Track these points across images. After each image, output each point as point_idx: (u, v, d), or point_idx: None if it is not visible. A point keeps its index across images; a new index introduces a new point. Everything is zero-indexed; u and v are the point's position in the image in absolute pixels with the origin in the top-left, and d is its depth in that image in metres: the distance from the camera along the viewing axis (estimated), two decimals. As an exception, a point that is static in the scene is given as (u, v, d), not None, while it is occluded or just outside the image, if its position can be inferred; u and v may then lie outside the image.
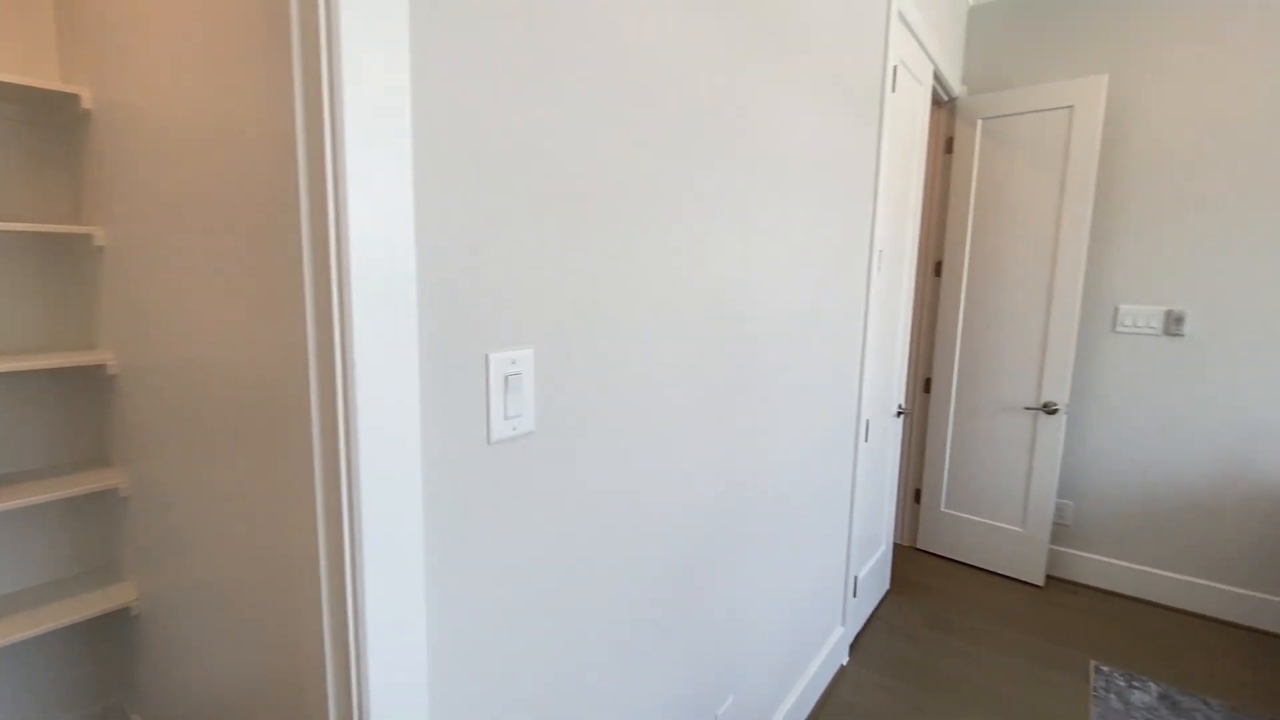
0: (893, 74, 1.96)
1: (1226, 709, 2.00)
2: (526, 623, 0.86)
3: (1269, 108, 2.32)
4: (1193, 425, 2.55)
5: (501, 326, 0.77)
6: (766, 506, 1.53)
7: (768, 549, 1.56)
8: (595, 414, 0.93)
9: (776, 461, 1.55)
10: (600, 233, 0.90)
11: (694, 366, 1.16)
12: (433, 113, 0.67)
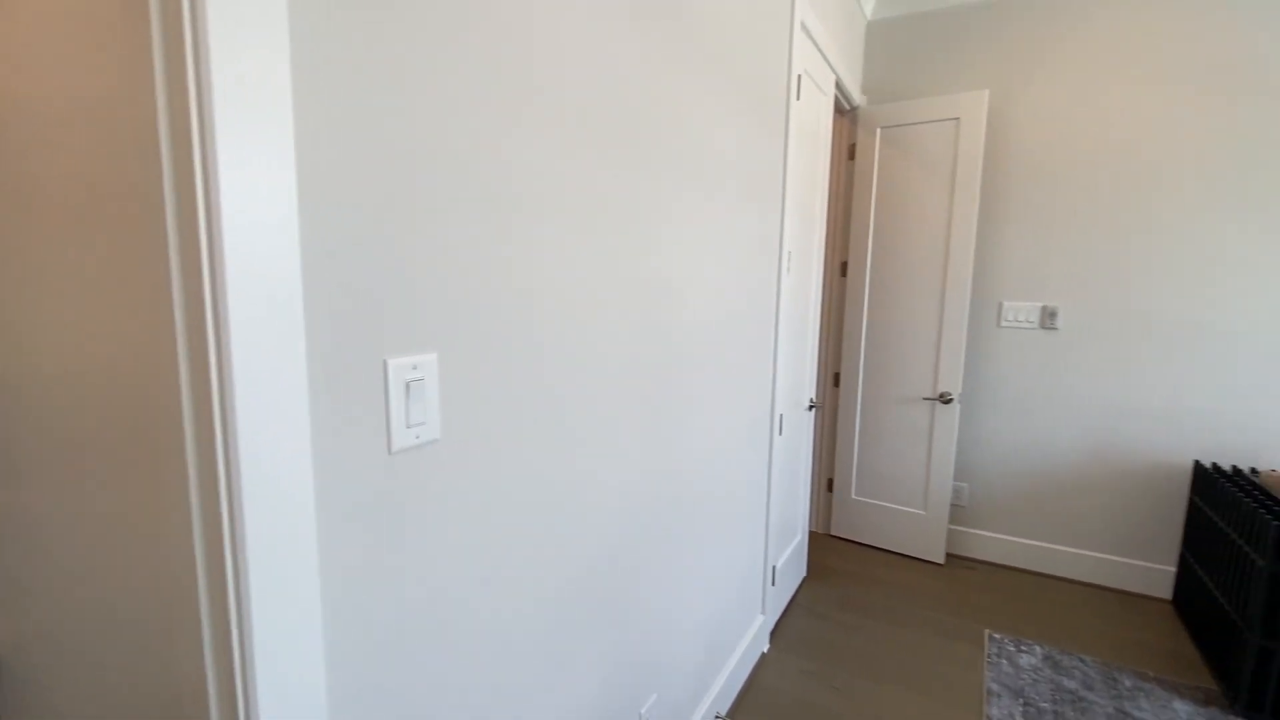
0: (797, 82, 2.04)
1: (1099, 664, 2.22)
2: (437, 636, 0.83)
3: (1122, 128, 2.60)
4: (1066, 409, 2.82)
5: (402, 331, 0.74)
6: (689, 503, 1.55)
7: (690, 545, 1.59)
8: (508, 419, 0.91)
9: (698, 458, 1.58)
10: (511, 234, 0.88)
11: (613, 368, 1.17)
12: (319, 96, 0.63)
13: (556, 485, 1.04)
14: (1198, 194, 2.51)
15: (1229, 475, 2.34)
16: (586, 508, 1.14)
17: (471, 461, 0.86)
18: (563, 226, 1.00)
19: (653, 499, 1.38)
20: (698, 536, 1.64)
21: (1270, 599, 1.88)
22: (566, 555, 1.09)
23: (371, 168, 0.69)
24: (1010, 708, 1.98)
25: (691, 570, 1.62)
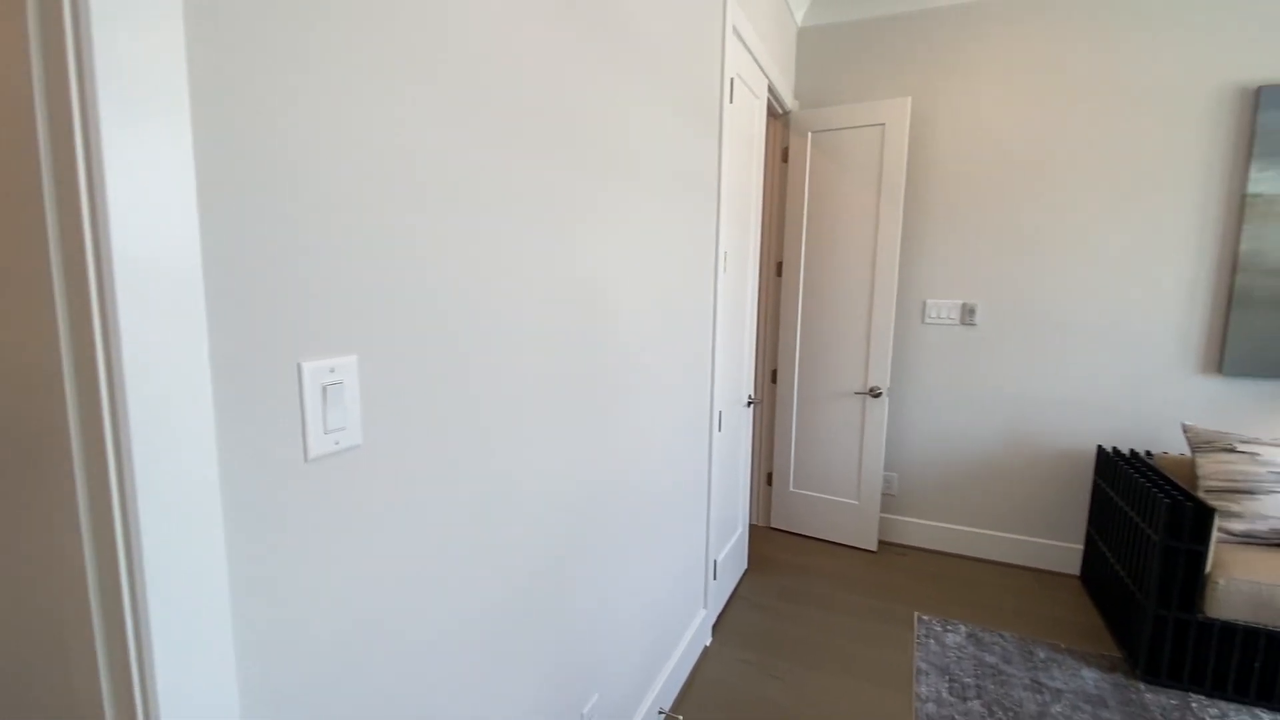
0: (730, 86, 2.08)
1: (1017, 639, 2.37)
2: (363, 649, 0.80)
3: (1028, 138, 2.79)
4: (985, 400, 2.99)
5: (318, 332, 0.71)
6: (629, 501, 1.56)
7: (631, 543, 1.60)
8: (435, 423, 0.89)
9: (638, 456, 1.59)
10: (436, 232, 0.86)
11: (549, 367, 1.16)
12: (219, 78, 0.60)
13: (485, 490, 1.03)
14: (1091, 200, 2.72)
15: (1127, 458, 2.54)
16: (518, 511, 1.12)
17: (396, 468, 0.83)
18: (491, 224, 0.98)
19: (589, 500, 1.38)
20: (637, 536, 1.65)
21: (1163, 571, 2.06)
22: (500, 559, 1.08)
23: (281, 158, 0.65)
24: (937, 684, 2.09)
25: (632, 569, 1.63)
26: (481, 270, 0.97)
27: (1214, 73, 2.51)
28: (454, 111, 0.88)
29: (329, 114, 0.70)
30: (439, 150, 0.86)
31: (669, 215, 1.69)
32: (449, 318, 0.91)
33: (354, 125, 0.73)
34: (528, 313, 1.09)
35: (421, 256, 0.84)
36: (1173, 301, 2.65)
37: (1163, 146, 2.61)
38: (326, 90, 0.69)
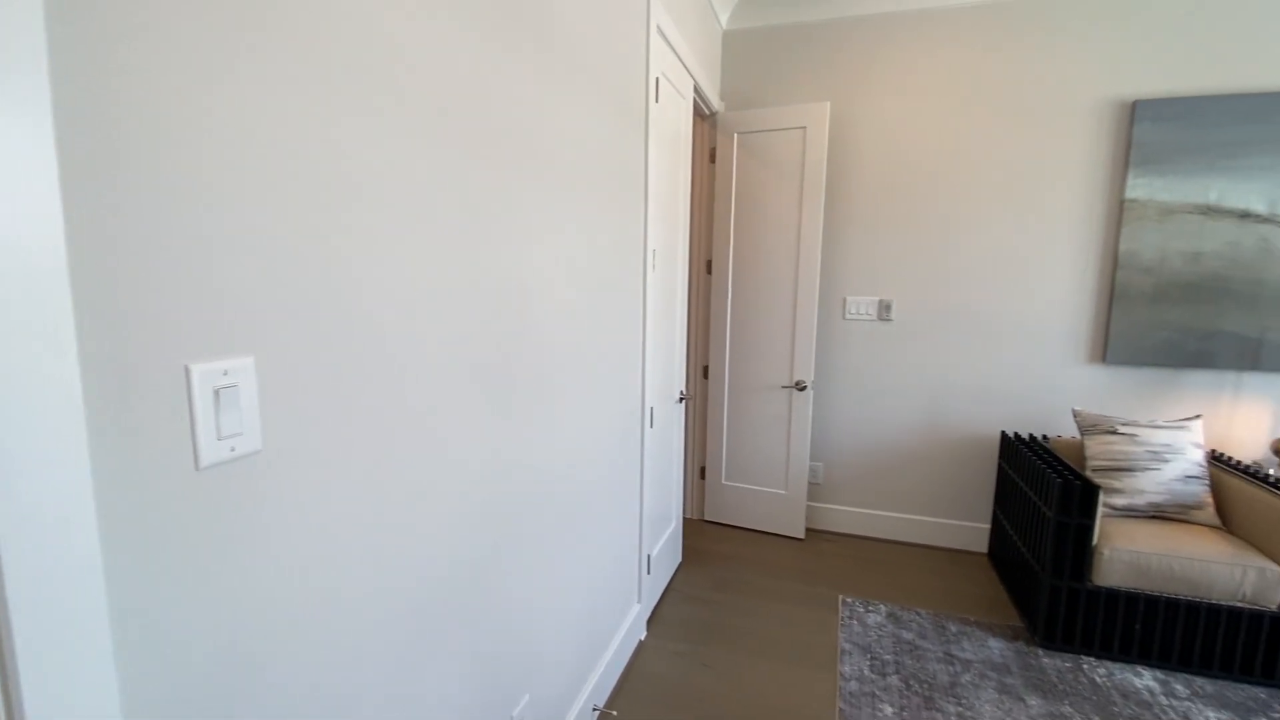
0: (655, 85, 2.10)
1: (931, 615, 2.52)
2: (267, 667, 0.77)
3: (935, 143, 2.96)
4: (901, 391, 3.16)
5: (208, 332, 0.67)
6: (558, 500, 1.55)
7: (561, 542, 1.59)
8: (347, 423, 0.86)
9: (568, 454, 1.58)
10: (342, 225, 0.83)
11: (470, 365, 1.13)
12: (87, 47, 0.55)
13: (400, 492, 1.00)
14: (995, 203, 2.92)
15: (1026, 442, 2.75)
16: (436, 513, 1.10)
17: (302, 473, 0.80)
18: (401, 221, 0.95)
19: (516, 500, 1.36)
20: (568, 534, 1.65)
21: (1057, 544, 2.24)
22: (416, 563, 1.05)
23: (161, 144, 0.61)
24: (859, 663, 2.19)
25: (563, 569, 1.63)
26: (392, 268, 0.94)
27: (1097, 87, 2.75)
28: (355, 102, 0.85)
29: (228, 97, 0.66)
30: (340, 141, 0.83)
31: (595, 213, 1.69)
32: (357, 317, 0.87)
33: (245, 113, 0.69)
34: (446, 311, 1.07)
35: (326, 253, 0.81)
36: (1064, 297, 2.88)
37: (1055, 154, 2.83)
38: (208, 71, 0.66)
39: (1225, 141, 2.60)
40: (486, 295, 1.19)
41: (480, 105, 1.13)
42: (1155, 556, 2.14)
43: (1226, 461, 2.52)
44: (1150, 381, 2.81)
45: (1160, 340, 2.74)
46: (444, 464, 1.09)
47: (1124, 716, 1.94)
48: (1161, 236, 2.70)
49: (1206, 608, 2.12)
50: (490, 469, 1.24)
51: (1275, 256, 2.59)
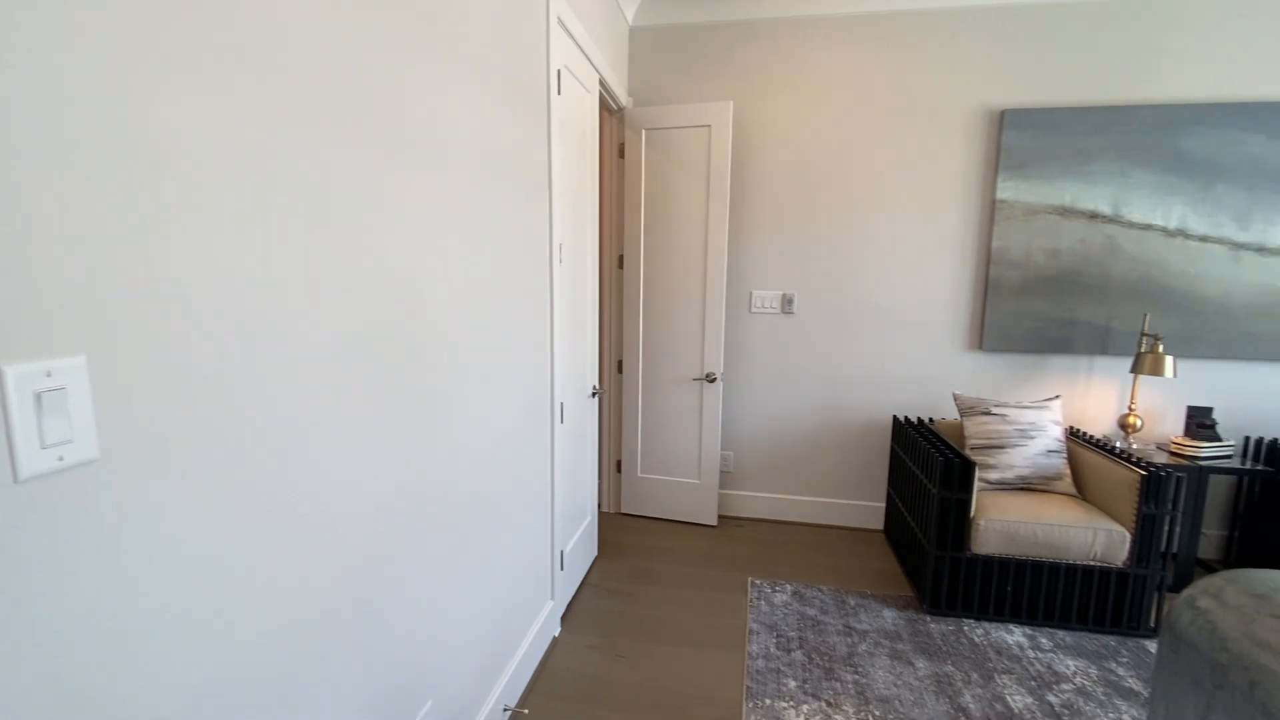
0: (557, 77, 2.08)
1: (833, 591, 2.66)
2: (110, 700, 0.70)
3: (835, 145, 3.11)
4: (804, 380, 3.31)
5: (24, 330, 0.60)
6: (460, 501, 1.51)
7: (465, 544, 1.55)
8: (205, 427, 0.80)
9: (469, 453, 1.55)
10: (192, 214, 0.77)
11: (354, 363, 1.08)
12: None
13: (276, 501, 0.95)
14: (887, 202, 3.11)
15: (915, 425, 2.96)
16: (317, 521, 1.05)
17: (149, 483, 0.73)
18: (266, 212, 0.90)
19: (411, 503, 1.32)
20: (471, 536, 1.61)
21: (940, 517, 2.43)
22: (298, 577, 1.00)
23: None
24: (766, 641, 2.29)
25: (466, 571, 1.59)
26: (255, 263, 0.88)
27: (973, 96, 2.98)
28: (208, 80, 0.79)
29: (99, 83, 0.59)
30: (208, 131, 0.77)
31: (495, 205, 1.66)
32: (212, 315, 0.82)
33: (66, 82, 0.63)
34: (322, 305, 1.02)
35: (175, 246, 0.75)
36: (947, 290, 3.12)
37: (938, 157, 3.05)
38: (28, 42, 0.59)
39: (1078, 149, 2.89)
40: (369, 290, 1.14)
41: (357, 86, 1.08)
42: (1022, 524, 2.37)
43: (1082, 436, 2.82)
44: (1019, 366, 3.09)
45: (1027, 329, 3.03)
46: (325, 468, 1.04)
47: (998, 670, 2.14)
48: (1027, 234, 2.98)
49: (1065, 568, 2.37)
50: (382, 473, 1.20)
51: (1119, 253, 2.92)
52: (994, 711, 1.93)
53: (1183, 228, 2.86)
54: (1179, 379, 2.98)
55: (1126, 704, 1.98)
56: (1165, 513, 2.26)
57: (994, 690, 2.03)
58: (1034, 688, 2.05)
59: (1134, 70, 2.84)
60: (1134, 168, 2.86)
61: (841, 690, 2.02)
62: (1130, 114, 2.83)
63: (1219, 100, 2.79)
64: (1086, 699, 2.00)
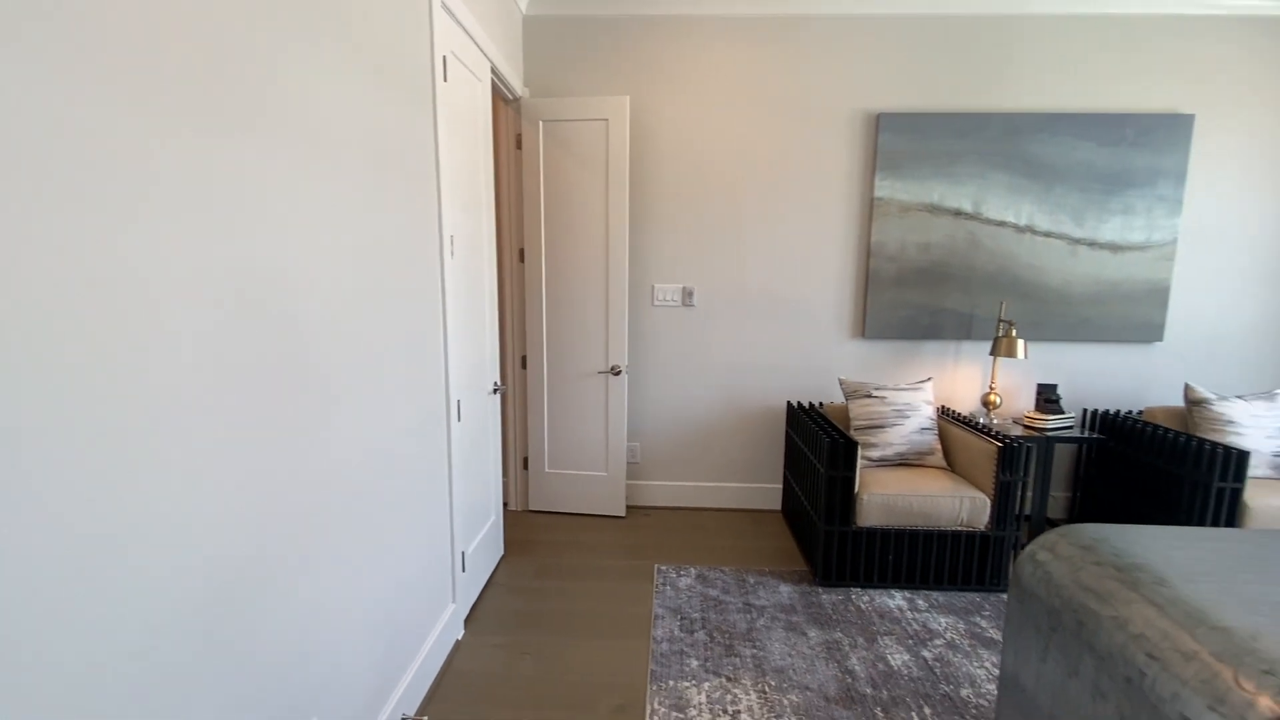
0: (443, 63, 2.01)
1: (734, 571, 2.78)
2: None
3: (732, 142, 3.22)
4: (705, 370, 3.42)
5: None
6: (346, 507, 1.44)
7: (349, 553, 1.48)
8: (32, 438, 0.72)
9: (356, 457, 1.47)
10: (18, 195, 0.68)
11: (212, 366, 1.00)
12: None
13: (120, 516, 0.86)
14: (780, 198, 3.26)
15: (806, 410, 3.13)
16: (174, 538, 0.97)
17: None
18: (104, 202, 0.81)
19: (283, 515, 1.24)
20: (357, 544, 1.54)
21: (828, 495, 2.59)
22: (149, 595, 0.92)
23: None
24: (670, 625, 2.35)
25: (351, 581, 1.52)
26: (93, 259, 0.79)
27: (852, 100, 3.18)
28: (54, 61, 0.70)
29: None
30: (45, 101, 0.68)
31: (377, 195, 1.59)
32: (65, 316, 0.73)
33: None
34: (183, 302, 0.93)
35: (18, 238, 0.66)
36: (834, 282, 3.32)
37: (824, 156, 3.22)
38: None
39: (943, 152, 3.16)
40: (236, 286, 1.06)
41: (212, 69, 0.99)
42: (900, 497, 2.57)
43: (951, 414, 3.09)
44: (897, 351, 3.35)
45: (903, 317, 3.28)
46: (181, 483, 0.96)
47: (880, 632, 2.32)
48: (901, 230, 3.22)
49: (938, 534, 2.60)
50: (252, 480, 1.12)
51: (980, 247, 3.22)
52: (876, 671, 2.09)
53: (1030, 225, 3.20)
54: (1030, 360, 3.35)
55: (988, 652, 2.21)
56: (1018, 479, 2.54)
57: (877, 651, 2.20)
58: (911, 645, 2.24)
59: (989, 82, 3.14)
60: (991, 170, 3.16)
61: (741, 665, 2.11)
62: (986, 121, 3.12)
63: (1057, 111, 3.14)
64: (955, 651, 2.21)
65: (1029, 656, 1.60)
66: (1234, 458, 2.53)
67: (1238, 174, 3.16)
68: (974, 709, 1.91)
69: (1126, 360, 3.32)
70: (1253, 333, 3.27)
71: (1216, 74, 3.09)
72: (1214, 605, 1.27)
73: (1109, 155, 3.12)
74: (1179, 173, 3.12)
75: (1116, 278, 3.21)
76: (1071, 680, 1.43)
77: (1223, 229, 3.20)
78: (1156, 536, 1.61)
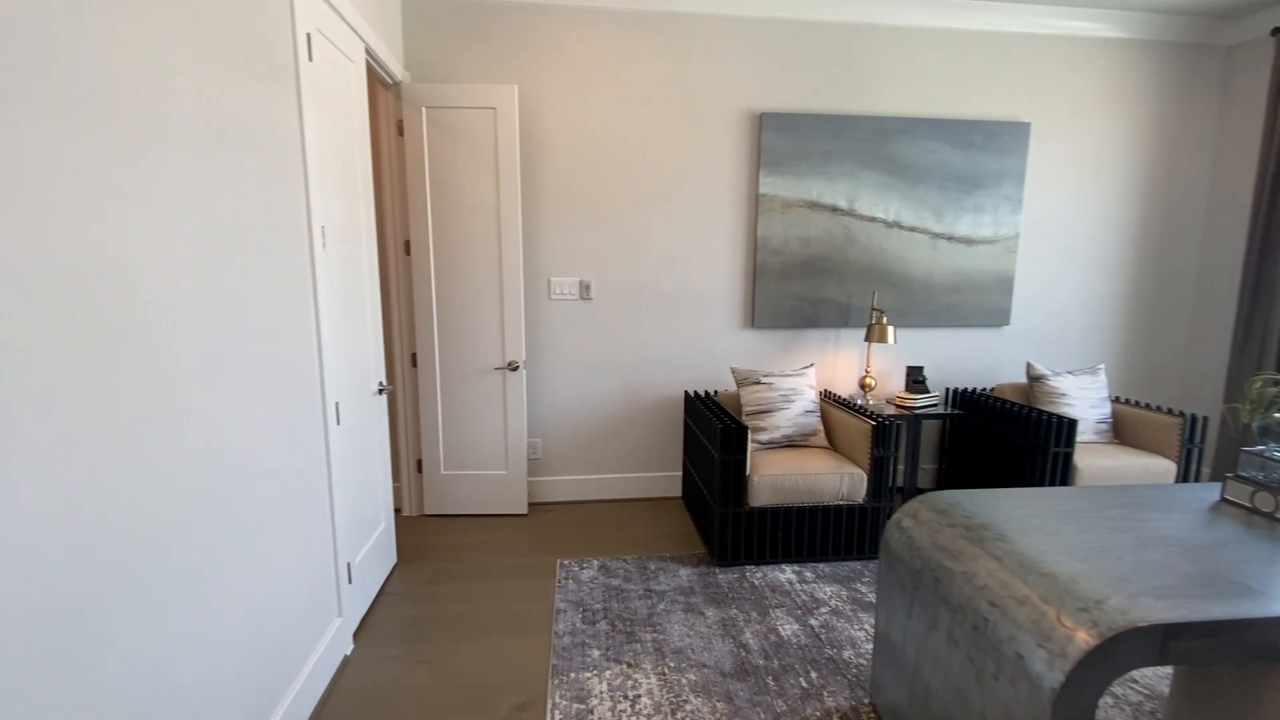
0: (307, 42, 1.87)
1: (636, 560, 2.82)
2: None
3: (624, 137, 3.24)
4: (605, 363, 3.44)
5: None
6: (204, 526, 1.31)
7: (211, 573, 1.35)
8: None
9: (215, 471, 1.34)
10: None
11: (19, 376, 0.87)
12: None
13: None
14: (674, 193, 3.32)
15: (702, 399, 3.23)
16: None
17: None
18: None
19: (129, 538, 1.11)
20: (220, 564, 1.42)
21: (722, 478, 2.69)
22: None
23: None
24: (572, 618, 2.35)
25: (214, 605, 1.39)
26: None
27: (738, 98, 3.29)
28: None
29: None
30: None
31: (233, 183, 1.45)
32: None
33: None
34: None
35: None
36: (725, 274, 3.44)
37: (713, 153, 3.32)
38: None
39: (820, 151, 3.35)
40: (61, 285, 0.93)
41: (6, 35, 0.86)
42: (787, 476, 2.72)
43: (832, 397, 3.31)
44: (783, 340, 3.53)
45: (788, 308, 3.46)
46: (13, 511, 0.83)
47: (772, 606, 2.44)
48: (785, 225, 3.39)
49: (822, 509, 2.78)
50: (86, 502, 0.99)
51: (854, 241, 3.46)
52: (768, 642, 2.20)
53: (898, 220, 3.47)
54: (899, 344, 3.64)
55: (867, 615, 2.39)
56: (890, 454, 2.76)
57: (769, 624, 2.32)
58: (799, 615, 2.38)
59: (861, 86, 3.36)
60: (862, 169, 3.40)
61: (641, 650, 2.15)
62: (857, 123, 3.35)
63: (919, 116, 3.42)
64: (838, 617, 2.37)
65: (897, 614, 1.75)
66: (1065, 425, 2.89)
67: (1067, 176, 3.59)
68: (854, 668, 2.06)
69: (981, 342, 3.70)
70: (1079, 316, 3.75)
71: (1050, 87, 3.50)
72: (1043, 555, 1.45)
73: (962, 158, 3.45)
74: (1020, 174, 3.50)
75: (971, 269, 3.56)
76: (932, 632, 1.58)
77: (1055, 225, 3.63)
78: (1001, 498, 1.81)
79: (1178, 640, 1.17)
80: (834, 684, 1.99)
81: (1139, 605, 1.21)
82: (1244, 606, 1.21)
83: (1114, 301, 3.76)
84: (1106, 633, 1.15)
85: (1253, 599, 1.23)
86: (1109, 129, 3.58)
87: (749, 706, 1.88)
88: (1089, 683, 1.16)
